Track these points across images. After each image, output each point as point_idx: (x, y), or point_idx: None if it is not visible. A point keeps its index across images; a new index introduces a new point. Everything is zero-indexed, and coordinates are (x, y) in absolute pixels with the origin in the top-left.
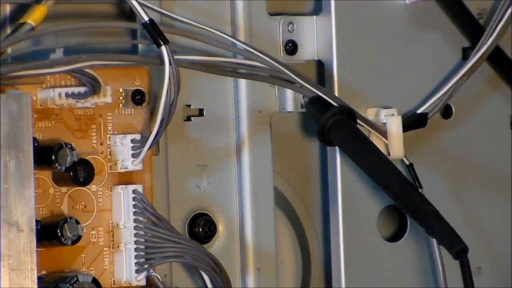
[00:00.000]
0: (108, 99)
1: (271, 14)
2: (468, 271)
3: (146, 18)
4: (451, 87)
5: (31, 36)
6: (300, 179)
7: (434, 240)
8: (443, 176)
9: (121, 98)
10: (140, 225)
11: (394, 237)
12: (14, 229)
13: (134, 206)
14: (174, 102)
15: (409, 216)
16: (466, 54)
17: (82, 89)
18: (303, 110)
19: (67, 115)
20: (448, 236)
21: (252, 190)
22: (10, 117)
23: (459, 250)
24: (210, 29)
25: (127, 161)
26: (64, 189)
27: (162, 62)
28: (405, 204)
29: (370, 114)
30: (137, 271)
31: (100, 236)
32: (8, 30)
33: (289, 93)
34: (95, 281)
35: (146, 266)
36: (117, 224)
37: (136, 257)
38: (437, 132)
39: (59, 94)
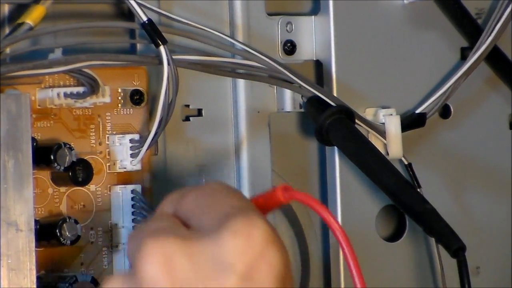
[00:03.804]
0: (107, 99)
1: (270, 14)
2: (465, 269)
3: (144, 18)
4: (449, 87)
5: (29, 36)
6: (299, 179)
7: (433, 240)
8: (442, 176)
9: (119, 98)
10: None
11: (393, 237)
12: (13, 229)
13: (133, 206)
14: (173, 102)
15: (407, 215)
16: (464, 54)
17: (80, 89)
18: (302, 110)
19: (65, 115)
20: (445, 235)
21: (251, 190)
22: (9, 117)
23: (456, 249)
24: (209, 29)
25: (125, 161)
26: (63, 189)
27: (160, 62)
28: (403, 203)
29: (368, 114)
30: None
31: (99, 236)
32: (7, 30)
33: (288, 93)
34: (93, 280)
35: None
36: (116, 224)
37: None
38: (435, 132)
39: (58, 94)
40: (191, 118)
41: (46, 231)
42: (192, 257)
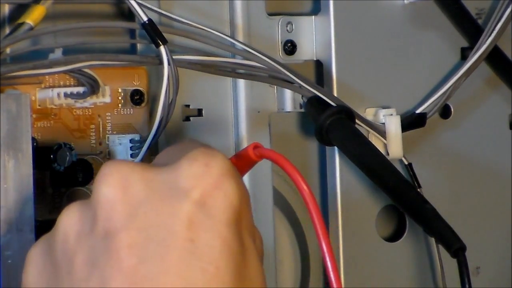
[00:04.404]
0: (107, 99)
1: (270, 14)
2: (465, 269)
3: (145, 18)
4: (449, 87)
5: (30, 36)
6: None
7: (433, 240)
8: (442, 176)
9: (120, 98)
10: None
11: (393, 237)
12: (13, 229)
13: None
14: (173, 102)
15: (407, 214)
16: (464, 54)
17: (81, 89)
18: (302, 110)
19: (66, 115)
20: (446, 235)
21: (251, 190)
22: (9, 117)
23: (456, 249)
24: (209, 29)
25: None
26: (63, 189)
27: (161, 62)
28: (404, 203)
29: (369, 114)
30: None
31: None
32: (7, 30)
33: (288, 93)
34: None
35: None
36: None
37: None
38: (435, 132)
39: (58, 94)
40: (191, 118)
41: (46, 232)
42: (149, 182)
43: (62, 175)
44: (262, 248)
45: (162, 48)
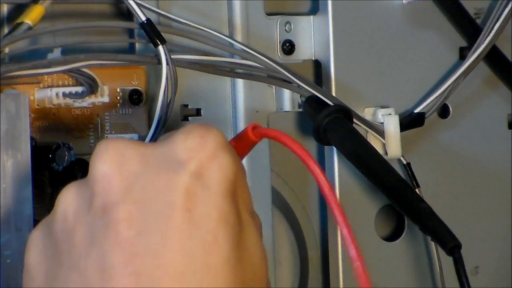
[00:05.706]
0: (106, 99)
1: (268, 14)
2: (462, 267)
3: (143, 18)
4: (448, 86)
5: (28, 35)
6: (298, 179)
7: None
8: (440, 176)
9: (118, 97)
10: None
11: (392, 237)
12: (12, 228)
13: None
14: (172, 102)
15: (403, 213)
16: (463, 53)
17: (79, 89)
18: (301, 109)
19: (64, 115)
20: (441, 233)
21: (250, 190)
22: (8, 117)
23: (452, 247)
24: (207, 29)
25: None
26: (61, 188)
27: (159, 62)
28: (399, 202)
29: (367, 113)
30: None
31: None
32: (6, 30)
33: (287, 93)
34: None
35: None
36: None
37: None
38: (434, 132)
39: (57, 94)
40: (189, 118)
41: None
42: (145, 156)
43: (61, 174)
44: (261, 230)
45: (160, 48)
